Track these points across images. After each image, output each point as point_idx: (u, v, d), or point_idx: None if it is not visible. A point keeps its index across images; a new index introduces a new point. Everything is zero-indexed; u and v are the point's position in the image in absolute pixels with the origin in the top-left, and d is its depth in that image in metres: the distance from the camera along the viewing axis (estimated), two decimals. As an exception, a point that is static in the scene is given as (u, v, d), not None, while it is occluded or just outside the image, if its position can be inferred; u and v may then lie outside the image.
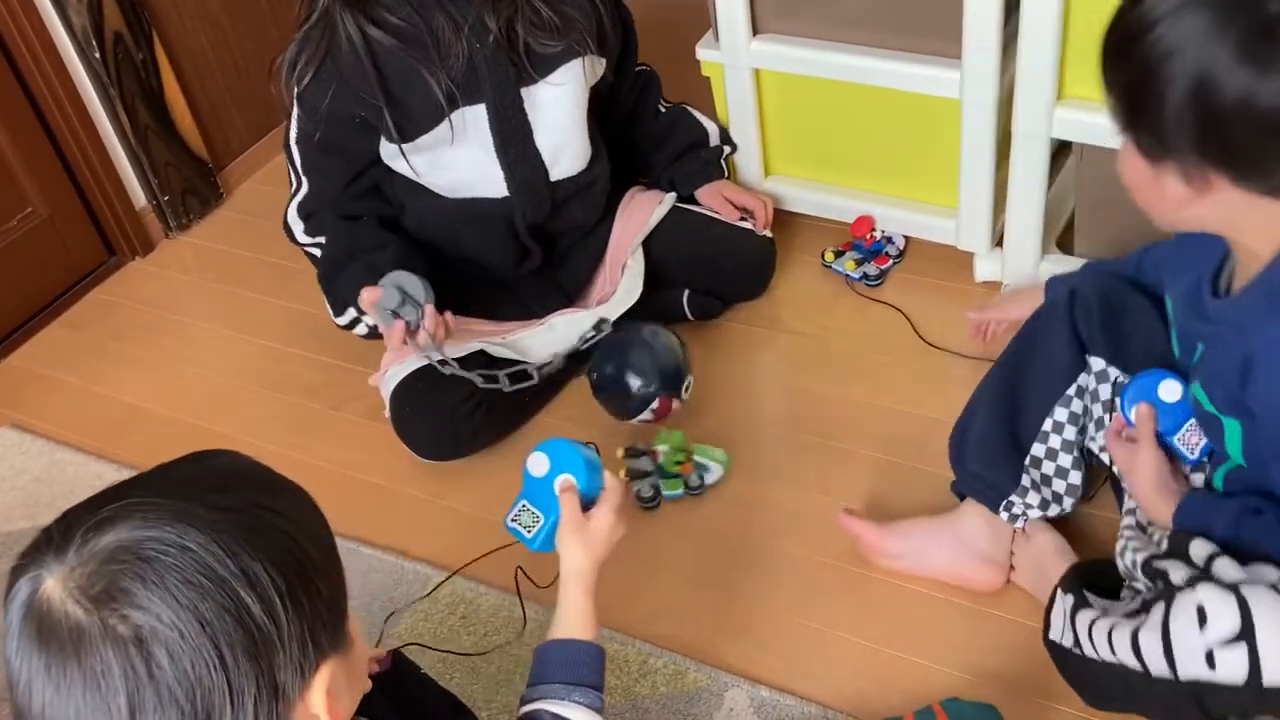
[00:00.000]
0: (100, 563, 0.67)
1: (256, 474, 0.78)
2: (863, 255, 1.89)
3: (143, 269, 2.26)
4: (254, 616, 0.68)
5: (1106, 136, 1.52)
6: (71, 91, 2.10)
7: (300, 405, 1.88)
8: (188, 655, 0.66)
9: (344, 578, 0.78)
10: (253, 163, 2.47)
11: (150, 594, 0.66)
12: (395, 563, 1.58)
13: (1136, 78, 0.93)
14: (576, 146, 1.69)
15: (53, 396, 1.98)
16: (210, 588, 0.67)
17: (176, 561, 0.67)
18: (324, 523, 0.79)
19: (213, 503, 0.70)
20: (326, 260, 1.70)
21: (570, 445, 1.07)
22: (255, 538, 0.70)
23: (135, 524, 0.68)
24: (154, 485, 0.74)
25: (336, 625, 0.75)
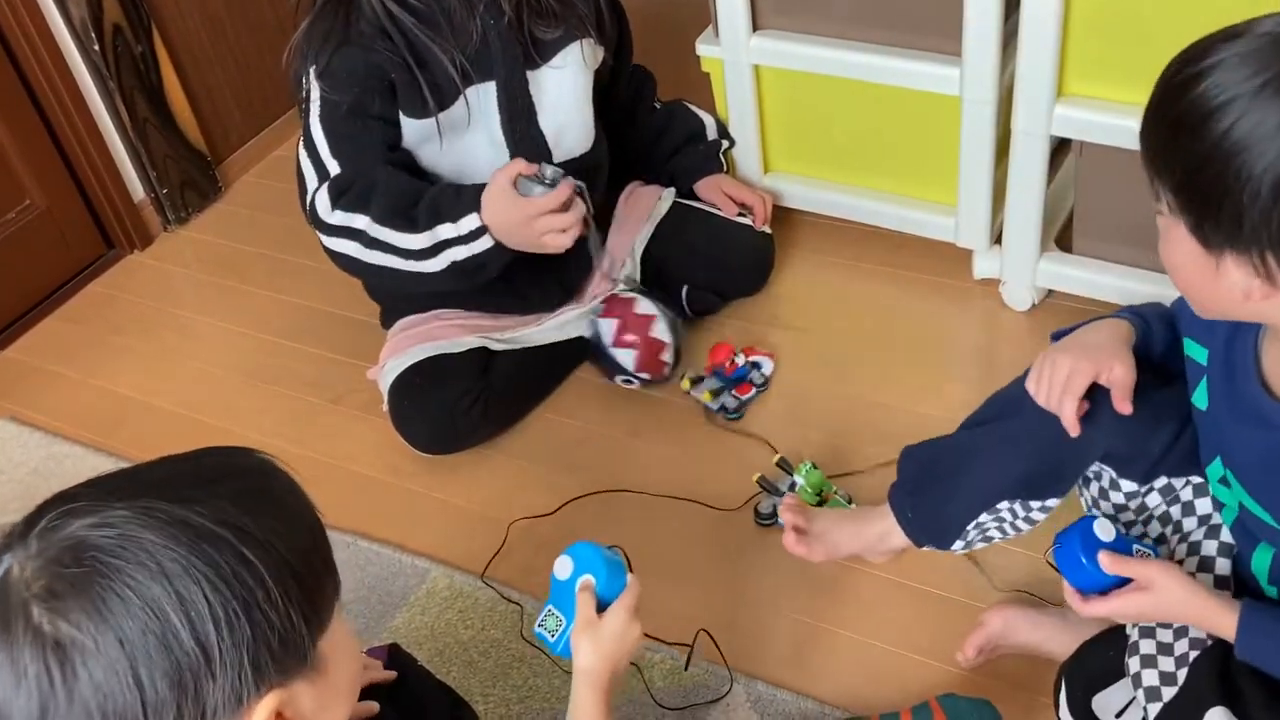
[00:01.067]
0: (47, 560, 0.67)
1: (250, 482, 0.75)
2: (722, 384, 1.71)
3: (141, 262, 2.26)
4: (180, 642, 0.66)
5: (1106, 134, 1.54)
6: (70, 84, 2.09)
7: (298, 399, 1.88)
8: (102, 671, 0.65)
9: (323, 599, 0.75)
10: (251, 156, 2.46)
11: (78, 603, 0.66)
12: (393, 556, 1.58)
13: (1204, 165, 0.83)
14: (578, 129, 1.69)
15: (50, 389, 1.98)
16: (137, 606, 0.66)
17: (111, 573, 0.66)
18: (307, 546, 0.74)
19: (175, 513, 0.68)
20: (394, 190, 1.53)
21: (593, 548, 1.08)
22: (206, 555, 0.68)
23: (92, 522, 0.68)
24: (138, 478, 0.73)
25: (296, 652, 0.72)
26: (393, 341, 1.74)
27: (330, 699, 0.77)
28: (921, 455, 1.32)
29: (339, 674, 0.77)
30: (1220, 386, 1.02)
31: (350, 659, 0.79)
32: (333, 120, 1.55)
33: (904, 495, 1.31)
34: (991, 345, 1.80)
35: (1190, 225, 0.88)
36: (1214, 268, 0.88)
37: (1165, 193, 0.89)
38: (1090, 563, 1.03)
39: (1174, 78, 0.87)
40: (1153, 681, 1.04)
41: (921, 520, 1.28)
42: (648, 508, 1.60)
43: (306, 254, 2.15)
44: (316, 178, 1.57)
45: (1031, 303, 1.79)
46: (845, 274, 1.94)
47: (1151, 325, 1.12)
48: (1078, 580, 1.05)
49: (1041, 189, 1.66)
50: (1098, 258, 1.71)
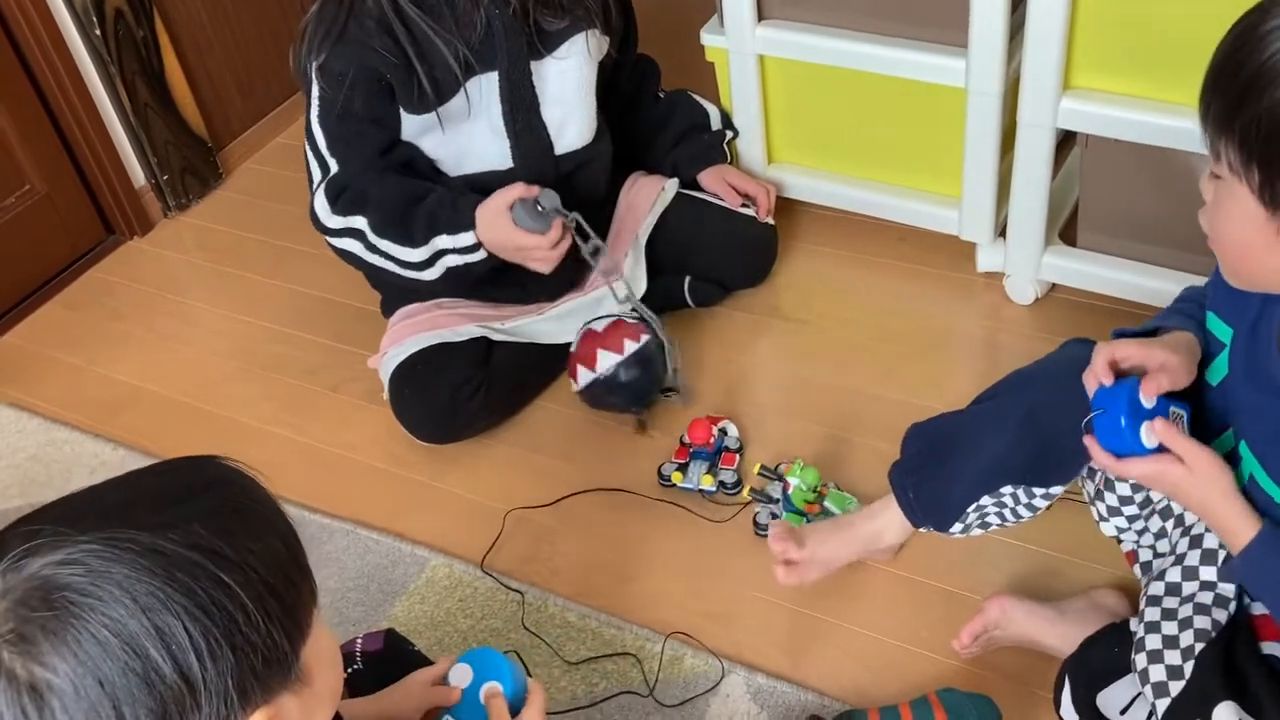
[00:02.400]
0: (14, 602, 0.65)
1: (218, 498, 0.72)
2: (709, 460, 1.60)
3: (141, 248, 2.25)
4: (163, 677, 0.65)
5: (1112, 127, 1.53)
6: (71, 68, 2.08)
7: (298, 387, 1.87)
8: (83, 713, 0.64)
9: (302, 610, 0.73)
10: (253, 143, 2.46)
11: (53, 647, 0.64)
12: (393, 545, 1.57)
13: (1274, 117, 0.83)
14: (581, 121, 1.69)
15: (50, 375, 1.98)
16: (116, 645, 0.64)
17: (85, 613, 0.64)
18: (283, 559, 0.72)
19: (145, 542, 0.66)
20: (388, 203, 1.57)
21: (492, 653, 1.07)
22: (182, 584, 0.66)
23: (59, 559, 0.65)
24: (101, 502, 0.71)
25: (280, 668, 0.71)
26: (393, 330, 1.73)
27: (314, 705, 0.76)
28: (927, 432, 1.32)
29: (322, 680, 0.76)
30: (1242, 358, 1.01)
31: (331, 662, 0.78)
32: (328, 120, 1.58)
33: (905, 474, 1.31)
34: (994, 339, 1.79)
35: (1257, 184, 0.87)
36: (1275, 230, 0.88)
37: (1230, 151, 0.88)
38: (1131, 428, 1.00)
39: (1246, 34, 0.86)
40: (1160, 677, 1.03)
41: (923, 500, 1.29)
42: (644, 501, 1.60)
43: (307, 241, 2.14)
44: (319, 171, 1.61)
45: (1035, 296, 1.79)
46: (848, 266, 1.93)
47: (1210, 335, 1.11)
48: (1112, 444, 1.02)
49: (1046, 182, 1.65)
50: (1102, 252, 1.71)
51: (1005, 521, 1.28)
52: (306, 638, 0.74)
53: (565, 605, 1.47)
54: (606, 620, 1.44)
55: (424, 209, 1.57)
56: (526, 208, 1.54)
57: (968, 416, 1.28)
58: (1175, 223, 1.62)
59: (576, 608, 1.46)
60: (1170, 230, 1.63)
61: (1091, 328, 1.74)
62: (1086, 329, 1.73)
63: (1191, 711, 0.99)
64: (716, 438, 1.62)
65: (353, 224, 1.59)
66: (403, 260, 1.59)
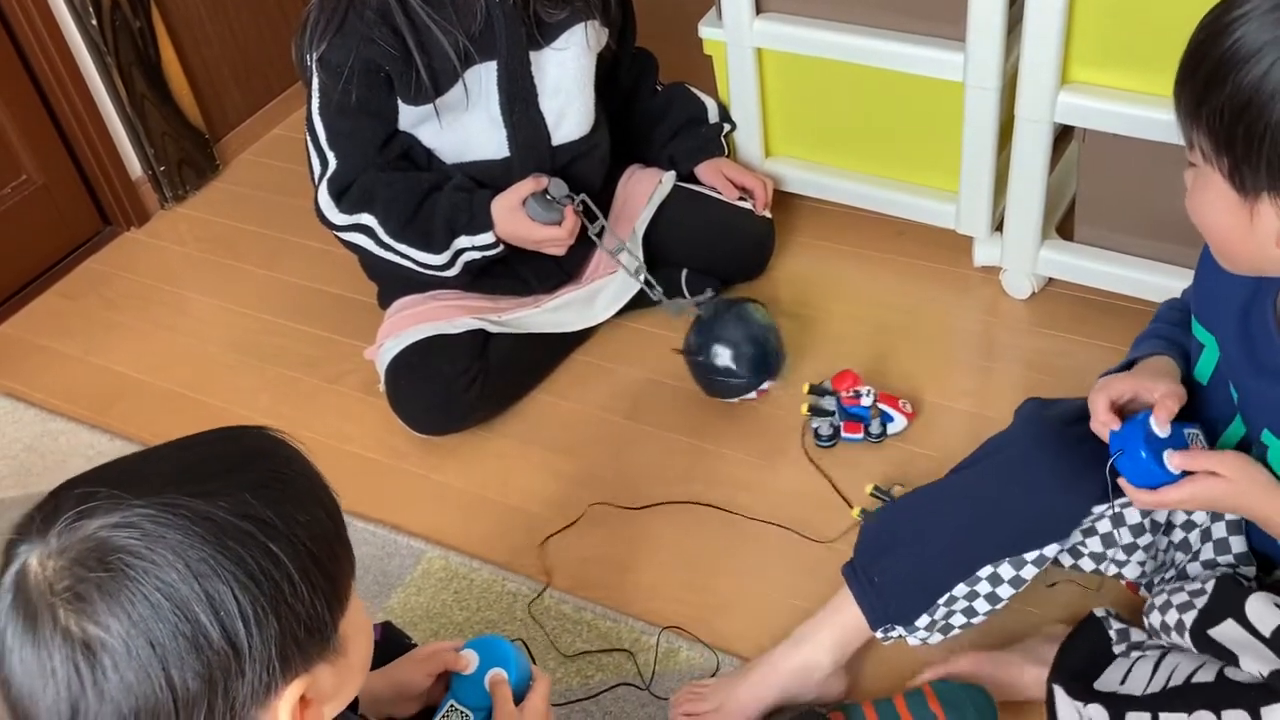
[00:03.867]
0: (71, 560, 0.66)
1: (267, 468, 0.74)
2: (837, 409, 1.59)
3: (138, 239, 2.25)
4: (211, 642, 0.66)
5: (1110, 122, 1.53)
6: (68, 59, 2.08)
7: (295, 378, 1.87)
8: (133, 671, 0.66)
9: (344, 581, 0.75)
10: (250, 135, 2.45)
11: (108, 607, 0.65)
12: (389, 537, 1.57)
13: (1244, 108, 0.85)
14: (579, 112, 1.69)
15: (46, 365, 1.98)
16: (168, 609, 0.66)
17: (140, 575, 0.66)
18: (327, 531, 0.74)
19: (198, 509, 0.68)
20: (399, 204, 1.60)
21: (499, 640, 1.07)
22: (232, 552, 0.67)
23: (114, 521, 0.67)
24: (153, 467, 0.72)
25: (319, 638, 0.72)
26: (390, 321, 1.73)
27: (348, 677, 0.78)
28: (888, 516, 1.24)
29: (356, 651, 0.78)
30: (1240, 354, 1.02)
31: (365, 635, 0.80)
32: (328, 113, 1.59)
33: (868, 561, 1.21)
34: (991, 333, 1.79)
35: (1227, 170, 0.89)
36: (1248, 214, 0.90)
37: (1201, 139, 0.90)
38: (1153, 460, 1.01)
39: (1210, 25, 0.88)
40: (1183, 599, 1.04)
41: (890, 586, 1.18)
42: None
43: (304, 233, 2.14)
44: (319, 165, 1.61)
45: (1031, 291, 1.79)
46: (845, 260, 1.93)
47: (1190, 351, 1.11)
48: (1142, 479, 1.03)
49: (1043, 176, 1.65)
50: (1099, 246, 1.71)
51: (974, 617, 1.19)
52: (345, 610, 0.75)
53: (561, 598, 1.47)
54: (602, 613, 1.44)
55: (440, 213, 1.60)
56: (539, 200, 1.60)
57: (936, 489, 1.22)
58: (1172, 217, 1.62)
59: (572, 600, 1.46)
60: (1167, 225, 1.63)
61: (1088, 322, 1.74)
62: (1083, 323, 1.74)
63: (1222, 613, 0.99)
64: (864, 406, 1.58)
65: (360, 220, 1.61)
66: (423, 262, 1.63)
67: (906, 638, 1.22)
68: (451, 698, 1.06)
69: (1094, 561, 1.19)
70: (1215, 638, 1.00)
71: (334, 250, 2.00)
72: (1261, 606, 0.98)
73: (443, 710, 1.06)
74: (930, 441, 1.60)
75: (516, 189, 1.60)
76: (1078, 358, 1.69)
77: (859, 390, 1.59)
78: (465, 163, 1.67)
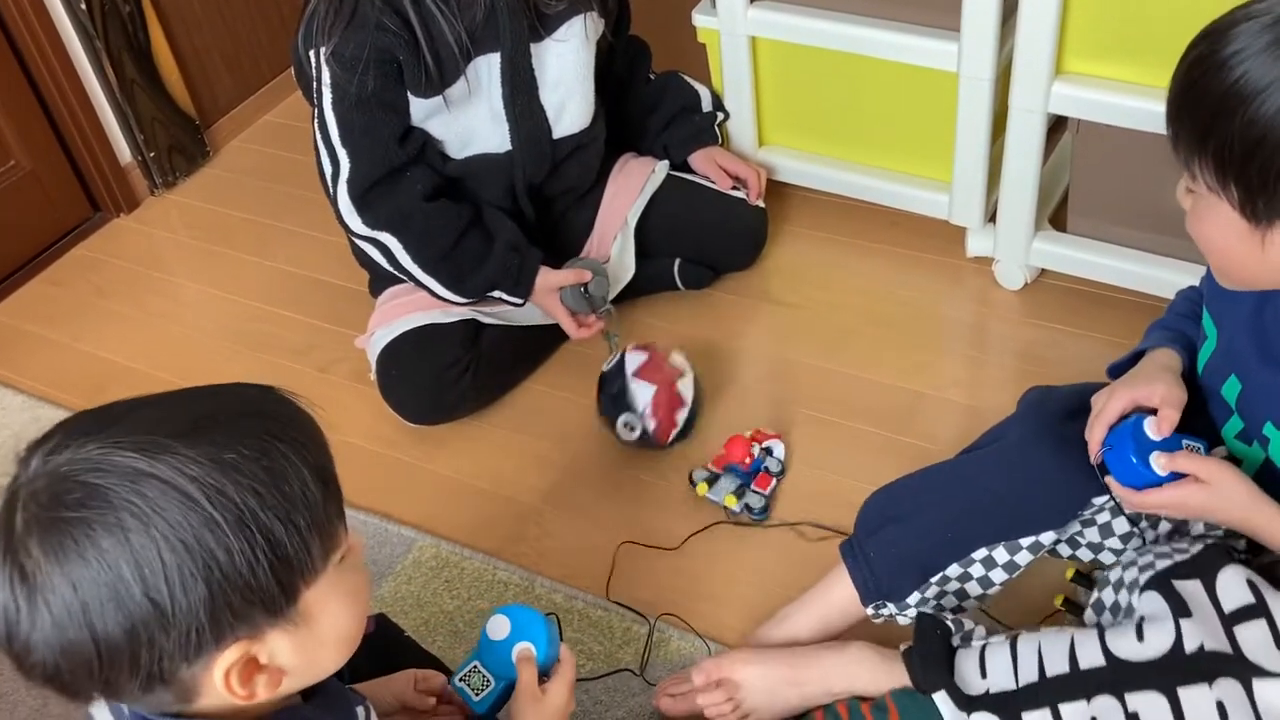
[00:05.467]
0: (35, 491, 0.69)
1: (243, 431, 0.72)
2: (741, 480, 1.52)
3: (127, 226, 2.24)
4: (132, 596, 0.68)
5: (1104, 113, 1.53)
6: (57, 43, 2.06)
7: (285, 366, 1.86)
8: (60, 610, 0.68)
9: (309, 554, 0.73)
10: (241, 121, 2.44)
11: (47, 545, 0.68)
12: (379, 525, 1.57)
13: (1251, 143, 0.86)
14: (579, 104, 1.68)
15: (34, 352, 1.96)
16: (92, 558, 0.67)
17: (76, 522, 0.67)
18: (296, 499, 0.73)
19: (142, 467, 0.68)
20: (436, 240, 1.58)
21: (533, 613, 1.06)
22: (171, 516, 0.68)
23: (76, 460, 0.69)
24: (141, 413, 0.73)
25: (264, 607, 0.72)
26: (381, 310, 1.73)
27: (315, 647, 0.77)
28: (889, 491, 1.24)
29: (330, 624, 0.77)
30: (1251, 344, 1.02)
31: (345, 611, 0.78)
32: (343, 108, 1.53)
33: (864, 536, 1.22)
34: (983, 324, 1.79)
35: (1238, 200, 0.90)
36: (1259, 239, 0.91)
37: (1205, 170, 0.90)
38: (1141, 462, 1.02)
39: (1206, 60, 0.88)
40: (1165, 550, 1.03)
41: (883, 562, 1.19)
42: (633, 481, 1.60)
43: (295, 220, 2.13)
44: (330, 165, 1.57)
45: (1024, 281, 1.79)
46: (838, 249, 1.93)
47: (1197, 343, 1.12)
48: (1129, 479, 1.03)
49: (1037, 167, 1.65)
50: (1092, 237, 1.71)
51: (965, 600, 1.20)
52: (310, 581, 0.74)
53: (553, 587, 1.47)
54: (593, 601, 1.44)
55: (486, 268, 1.62)
56: (575, 293, 1.68)
57: (937, 470, 1.23)
58: (1165, 208, 1.62)
59: (564, 589, 1.46)
60: (1160, 216, 1.63)
61: (1080, 314, 1.74)
62: (1075, 314, 1.74)
63: (1194, 572, 0.99)
64: (757, 457, 1.54)
65: (380, 238, 1.58)
66: (442, 296, 1.63)
67: (897, 616, 1.22)
68: (476, 659, 1.06)
69: (1091, 551, 1.20)
70: (1178, 587, 0.99)
71: (325, 238, 2.00)
72: (1232, 581, 0.97)
73: (465, 669, 1.06)
74: (921, 431, 1.60)
75: (564, 275, 1.67)
76: (1069, 349, 1.70)
77: (750, 451, 1.54)
78: (469, 156, 1.65)
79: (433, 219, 1.58)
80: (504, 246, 1.63)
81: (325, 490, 0.75)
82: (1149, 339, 1.16)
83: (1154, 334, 1.16)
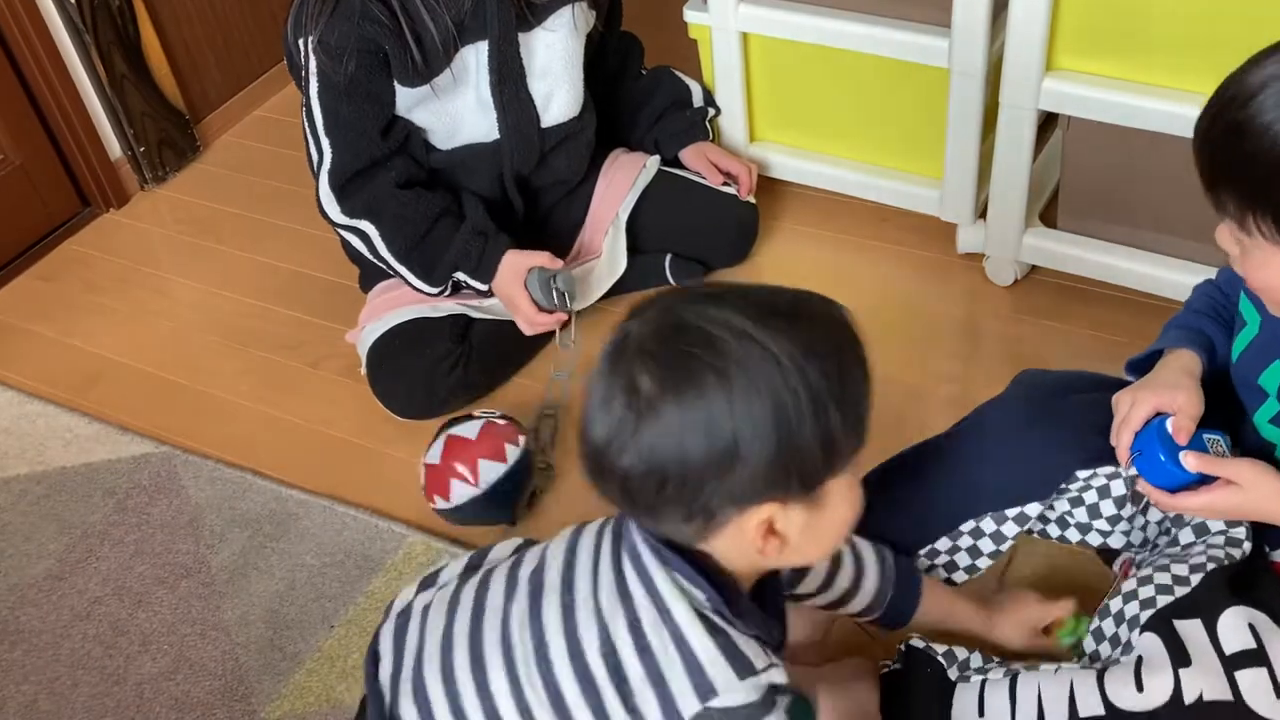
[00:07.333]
0: (655, 328, 0.79)
1: (828, 326, 0.86)
2: None
3: (117, 221, 2.23)
4: (721, 435, 0.76)
5: (1094, 109, 1.53)
6: (46, 38, 2.06)
7: (276, 362, 1.86)
8: (659, 431, 0.77)
9: (844, 448, 0.82)
10: (231, 116, 2.43)
11: (661, 373, 0.77)
12: (370, 521, 1.57)
13: None
14: (568, 94, 1.68)
15: (23, 348, 1.96)
16: (700, 391, 0.76)
17: (697, 355, 0.76)
18: (854, 404, 0.82)
19: (764, 332, 0.78)
20: (407, 230, 1.61)
21: None
22: (767, 373, 0.77)
23: (696, 309, 0.79)
24: (752, 295, 0.82)
25: (804, 480, 0.80)
26: (372, 305, 1.72)
27: (815, 533, 0.85)
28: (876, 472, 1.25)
29: (834, 513, 0.85)
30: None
31: (845, 509, 0.86)
32: (329, 98, 1.56)
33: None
34: (974, 320, 1.80)
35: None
36: None
37: (1262, 224, 0.90)
38: (1172, 462, 1.03)
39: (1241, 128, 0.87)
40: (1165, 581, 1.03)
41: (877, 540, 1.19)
42: None
43: (285, 215, 2.13)
44: (316, 154, 1.60)
45: (1014, 278, 1.79)
46: (829, 246, 1.93)
47: (1216, 343, 1.12)
48: (1160, 480, 1.04)
49: (1027, 164, 1.65)
50: (1082, 234, 1.71)
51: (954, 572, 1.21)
52: (835, 473, 0.83)
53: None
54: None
55: (449, 252, 1.62)
56: (542, 278, 1.62)
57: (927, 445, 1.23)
58: (1155, 205, 1.63)
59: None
60: (1150, 213, 1.63)
61: (1070, 310, 1.75)
62: (1065, 311, 1.75)
63: (1195, 610, 0.99)
64: None
65: (360, 226, 1.62)
66: (416, 286, 1.66)
67: None
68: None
69: (1080, 532, 1.20)
70: (1178, 629, 0.99)
71: (316, 233, 1.99)
72: (1234, 623, 0.97)
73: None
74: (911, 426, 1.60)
75: (532, 256, 1.62)
76: (1060, 345, 1.70)
77: None
78: (456, 146, 1.66)
79: (406, 206, 1.60)
80: (469, 229, 1.63)
81: (869, 396, 0.85)
82: (1167, 337, 1.15)
83: (1172, 332, 1.15)
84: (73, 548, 1.59)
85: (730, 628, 0.86)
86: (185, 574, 1.54)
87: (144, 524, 1.60)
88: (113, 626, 1.48)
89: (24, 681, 1.43)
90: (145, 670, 1.43)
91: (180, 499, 1.63)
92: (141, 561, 1.56)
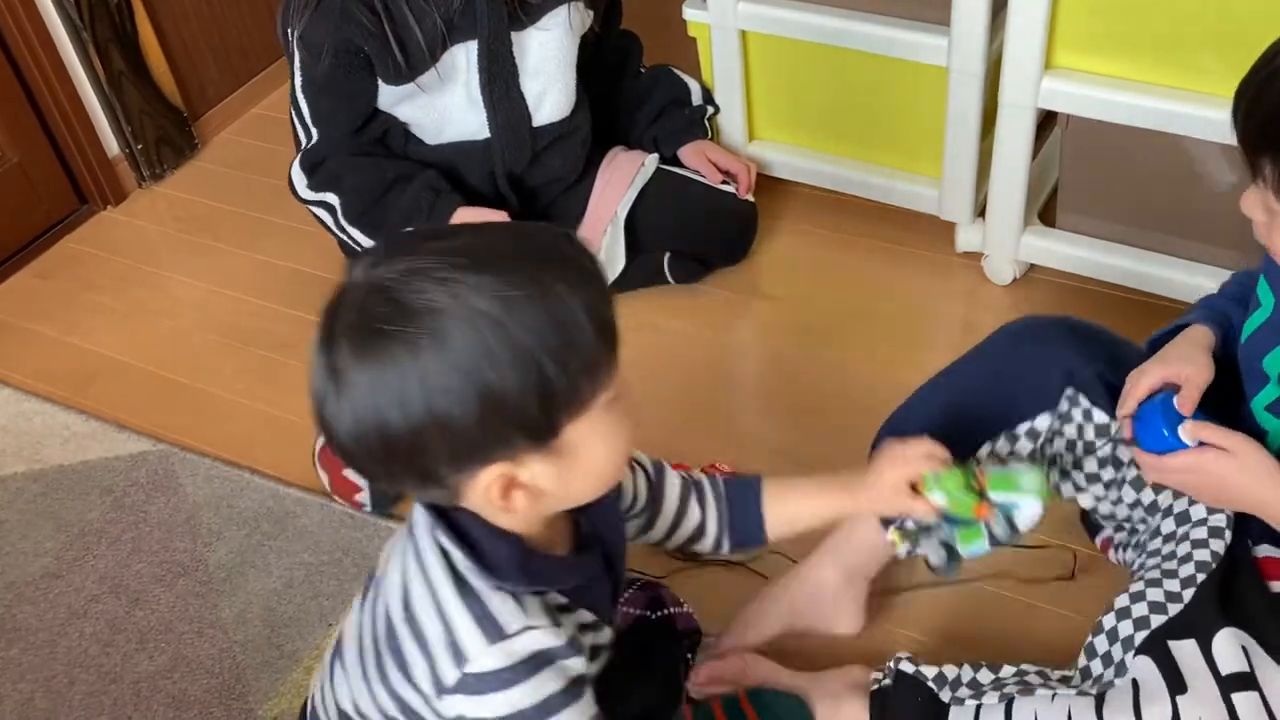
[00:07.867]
0: (358, 298, 0.77)
1: (531, 266, 0.78)
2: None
3: (115, 219, 2.23)
4: (414, 407, 0.75)
5: (1093, 108, 1.53)
6: (44, 35, 2.05)
7: (273, 359, 1.86)
8: (359, 404, 0.76)
9: (575, 390, 0.78)
10: (229, 113, 2.43)
11: (357, 348, 0.76)
12: (367, 519, 1.57)
13: None
14: (560, 93, 1.68)
15: (21, 346, 1.95)
16: (388, 366, 0.75)
17: (385, 330, 0.74)
18: (574, 341, 0.77)
19: (460, 292, 0.74)
20: (361, 193, 1.63)
21: None
22: (459, 338, 0.74)
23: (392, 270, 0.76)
24: (447, 241, 0.81)
25: (528, 433, 0.78)
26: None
27: (571, 479, 0.83)
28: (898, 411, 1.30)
29: (585, 459, 0.82)
30: None
31: (603, 448, 0.83)
32: (309, 91, 1.60)
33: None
34: (972, 318, 1.80)
35: None
36: None
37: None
38: (1170, 432, 1.03)
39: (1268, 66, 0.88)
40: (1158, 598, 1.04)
41: None
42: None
43: (283, 213, 2.12)
44: (304, 138, 1.64)
45: (1013, 276, 1.79)
46: (828, 244, 1.93)
47: (1233, 318, 1.13)
48: (1155, 446, 1.05)
49: (1026, 162, 1.65)
50: (1081, 233, 1.71)
51: None
52: (574, 416, 0.79)
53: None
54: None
55: (400, 207, 1.60)
56: None
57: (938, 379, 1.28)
58: (1155, 204, 1.63)
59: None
60: (1150, 212, 1.63)
61: (1069, 309, 1.74)
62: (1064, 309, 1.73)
63: (1189, 630, 0.99)
64: None
65: (325, 199, 1.65)
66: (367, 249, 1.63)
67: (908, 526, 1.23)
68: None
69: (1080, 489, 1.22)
70: (1173, 652, 0.99)
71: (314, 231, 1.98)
72: (1229, 645, 0.98)
73: None
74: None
75: (486, 214, 1.62)
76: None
77: None
78: (445, 143, 1.66)
79: (363, 171, 1.63)
80: (420, 184, 1.63)
81: (599, 334, 0.79)
82: (1192, 314, 1.17)
83: (1198, 311, 1.17)
84: (70, 546, 1.58)
85: (486, 587, 0.84)
86: (182, 572, 1.53)
87: (141, 522, 1.60)
88: (110, 624, 1.48)
89: (21, 680, 1.43)
90: (142, 668, 1.43)
91: (178, 497, 1.63)
92: (139, 559, 1.56)
